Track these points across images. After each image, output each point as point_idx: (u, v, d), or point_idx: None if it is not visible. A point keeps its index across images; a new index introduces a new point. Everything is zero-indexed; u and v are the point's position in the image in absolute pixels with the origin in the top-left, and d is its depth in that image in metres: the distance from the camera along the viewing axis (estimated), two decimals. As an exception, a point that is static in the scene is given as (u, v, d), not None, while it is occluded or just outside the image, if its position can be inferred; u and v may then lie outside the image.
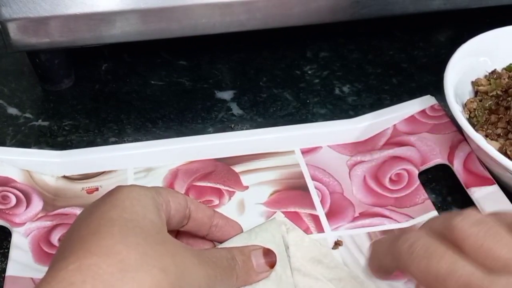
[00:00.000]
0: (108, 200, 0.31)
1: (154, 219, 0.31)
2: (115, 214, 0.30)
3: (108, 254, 0.27)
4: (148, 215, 0.31)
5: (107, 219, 0.30)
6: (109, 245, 0.28)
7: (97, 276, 0.26)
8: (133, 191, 0.32)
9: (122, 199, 0.31)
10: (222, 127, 0.52)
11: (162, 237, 0.31)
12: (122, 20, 0.49)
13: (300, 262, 0.37)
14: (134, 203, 0.31)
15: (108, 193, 0.32)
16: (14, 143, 0.51)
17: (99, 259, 0.27)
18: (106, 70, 0.59)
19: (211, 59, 0.60)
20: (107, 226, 0.29)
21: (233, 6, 0.51)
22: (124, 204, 0.31)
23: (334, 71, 0.59)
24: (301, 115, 0.54)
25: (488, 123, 0.45)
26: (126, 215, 0.30)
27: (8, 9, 0.47)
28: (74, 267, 0.27)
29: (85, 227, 0.30)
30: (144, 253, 0.28)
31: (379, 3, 0.54)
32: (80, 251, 0.28)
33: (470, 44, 0.49)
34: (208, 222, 0.36)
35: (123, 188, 0.32)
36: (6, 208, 0.42)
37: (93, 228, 0.29)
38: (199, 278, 0.30)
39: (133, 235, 0.29)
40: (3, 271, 0.39)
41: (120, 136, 0.51)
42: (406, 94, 0.56)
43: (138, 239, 0.29)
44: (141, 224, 0.30)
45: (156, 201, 0.32)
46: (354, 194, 0.44)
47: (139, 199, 0.31)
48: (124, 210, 0.30)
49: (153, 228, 0.30)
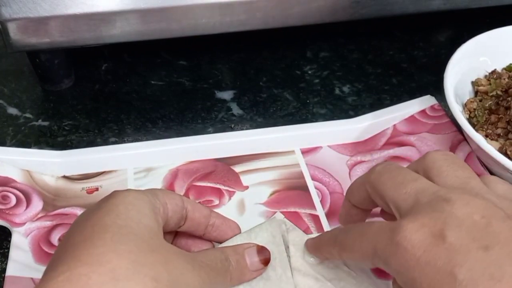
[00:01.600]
0: (103, 205, 0.31)
1: (149, 224, 0.31)
2: (109, 220, 0.30)
3: (99, 263, 0.27)
4: (143, 220, 0.31)
5: (100, 225, 0.29)
6: (100, 253, 0.27)
7: (87, 286, 0.26)
8: (129, 195, 0.32)
9: (116, 204, 0.31)
10: (222, 127, 0.52)
11: (156, 243, 0.30)
12: (122, 20, 0.49)
13: (300, 262, 0.37)
14: (129, 208, 0.31)
15: (104, 198, 0.32)
16: (14, 143, 0.51)
17: (89, 269, 0.27)
18: (106, 70, 0.59)
19: (211, 59, 0.60)
20: (100, 233, 0.29)
21: (233, 6, 0.51)
22: (118, 209, 0.30)
23: (334, 71, 0.59)
24: (301, 115, 0.54)
25: (488, 123, 0.45)
26: (120, 221, 0.30)
27: (8, 9, 0.47)
28: (64, 278, 0.26)
29: (79, 233, 0.29)
30: (136, 261, 0.28)
31: (379, 3, 0.54)
32: (71, 259, 0.27)
33: (470, 44, 0.49)
34: (205, 221, 0.36)
35: (119, 193, 0.32)
36: (6, 208, 0.42)
37: (86, 235, 0.29)
38: (193, 284, 0.30)
39: (125, 242, 0.28)
40: (3, 271, 0.39)
41: (120, 136, 0.51)
42: (406, 94, 0.56)
43: (130, 247, 0.28)
44: (135, 230, 0.30)
45: (153, 205, 0.32)
46: (354, 194, 0.44)
47: (135, 204, 0.31)
48: (118, 215, 0.30)
49: (148, 234, 0.30)
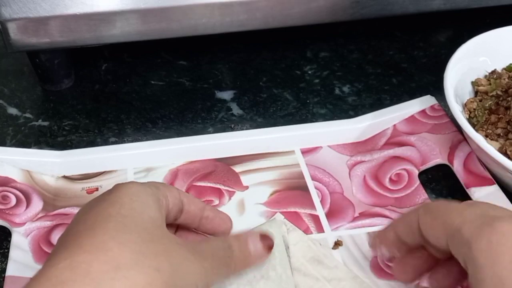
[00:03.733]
0: (107, 197, 0.31)
1: (153, 215, 0.31)
2: (113, 211, 0.30)
3: (100, 251, 0.27)
4: (147, 211, 0.31)
5: (104, 215, 0.29)
6: (102, 241, 0.27)
7: (87, 274, 0.26)
8: (132, 187, 0.32)
9: (120, 196, 0.31)
10: (222, 127, 0.52)
11: (159, 233, 0.30)
12: (122, 20, 0.49)
13: (300, 262, 0.37)
14: (134, 199, 0.31)
15: (108, 191, 0.32)
16: (14, 143, 0.51)
17: (90, 256, 0.26)
18: (106, 70, 0.59)
19: (211, 59, 0.60)
20: (102, 222, 0.29)
21: (233, 6, 0.51)
22: (122, 201, 0.31)
23: (334, 71, 0.59)
24: (301, 115, 0.54)
25: (488, 123, 0.45)
26: (124, 211, 0.30)
27: (8, 9, 0.47)
28: (65, 265, 0.26)
29: (82, 222, 0.30)
30: (138, 251, 0.28)
31: (379, 3, 0.54)
32: (73, 247, 0.27)
33: (470, 44, 0.49)
34: (200, 214, 0.36)
35: (122, 185, 0.32)
36: (6, 208, 0.42)
37: (89, 224, 0.29)
38: (195, 274, 0.30)
39: (128, 231, 0.29)
40: (3, 271, 0.39)
41: (120, 136, 0.51)
42: (406, 94, 0.56)
43: (132, 236, 0.28)
44: (138, 220, 0.30)
45: (156, 197, 0.32)
46: (354, 194, 0.44)
47: (138, 195, 0.31)
48: (122, 206, 0.30)
49: (151, 224, 0.30)
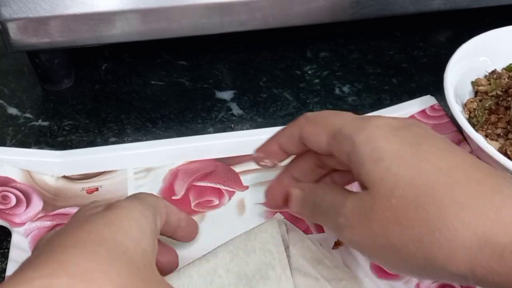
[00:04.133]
0: (107, 214, 0.30)
1: (146, 249, 0.29)
2: (108, 233, 0.28)
3: (83, 280, 0.25)
4: (142, 243, 0.29)
5: (97, 234, 0.28)
6: (88, 268, 0.25)
7: None
8: (135, 210, 0.31)
9: (120, 217, 0.30)
10: (222, 127, 0.52)
11: (148, 272, 0.29)
12: (122, 20, 0.49)
13: (300, 262, 0.37)
14: (133, 224, 0.30)
15: (111, 206, 0.31)
16: (14, 143, 0.51)
17: (71, 282, 0.24)
18: (106, 70, 0.59)
19: (211, 59, 0.60)
20: (93, 243, 0.27)
21: (233, 6, 0.51)
22: (121, 224, 0.29)
23: (334, 71, 0.59)
24: (301, 115, 0.53)
25: (488, 123, 0.45)
26: (119, 237, 0.28)
27: (8, 9, 0.47)
28: (41, 285, 0.24)
29: (72, 235, 0.28)
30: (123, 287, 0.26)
31: (379, 3, 0.54)
32: (56, 263, 0.25)
33: (470, 44, 0.49)
34: (177, 223, 0.37)
35: (125, 205, 0.31)
36: (6, 208, 0.42)
37: (80, 240, 0.27)
38: None
39: (117, 263, 0.27)
40: (3, 271, 0.39)
41: (120, 136, 0.51)
42: (406, 94, 0.56)
43: (121, 270, 0.26)
44: (131, 252, 0.28)
45: (154, 225, 0.32)
46: (354, 194, 0.44)
47: (139, 221, 0.30)
48: (119, 230, 0.29)
49: (142, 260, 0.29)
